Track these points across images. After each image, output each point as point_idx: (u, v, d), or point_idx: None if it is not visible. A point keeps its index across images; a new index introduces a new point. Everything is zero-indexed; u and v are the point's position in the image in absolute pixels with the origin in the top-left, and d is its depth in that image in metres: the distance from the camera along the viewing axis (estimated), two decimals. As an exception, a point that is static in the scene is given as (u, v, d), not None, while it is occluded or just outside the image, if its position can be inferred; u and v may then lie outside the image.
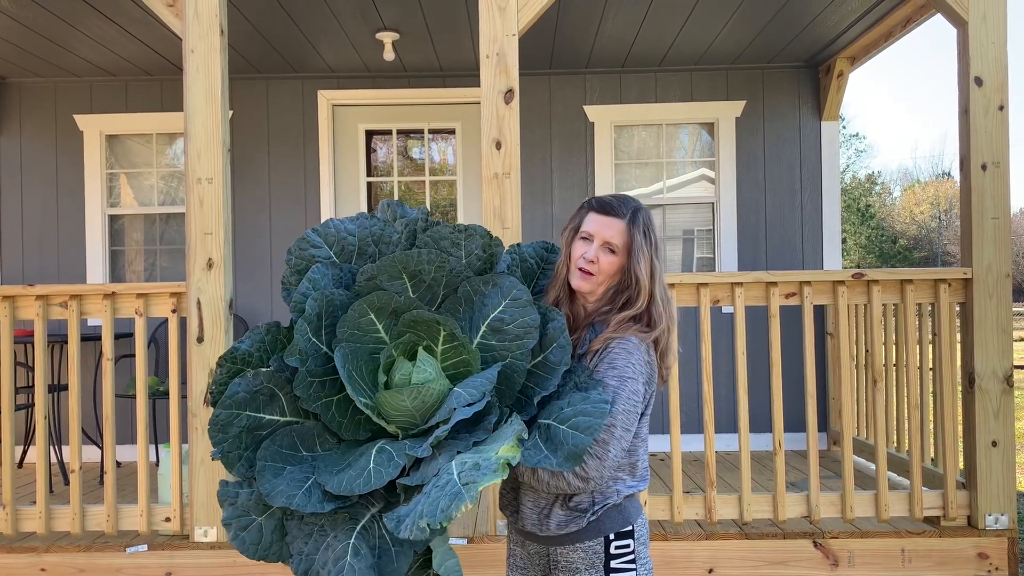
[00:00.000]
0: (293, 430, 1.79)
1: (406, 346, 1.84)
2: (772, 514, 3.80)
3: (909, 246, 40.72)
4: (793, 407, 5.10)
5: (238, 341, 1.88)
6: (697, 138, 6.30)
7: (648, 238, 1.99)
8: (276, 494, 1.66)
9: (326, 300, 1.83)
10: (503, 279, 1.87)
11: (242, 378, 1.80)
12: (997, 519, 3.74)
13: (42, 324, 3.81)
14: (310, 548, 1.67)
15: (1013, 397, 3.76)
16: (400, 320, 1.82)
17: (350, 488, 1.62)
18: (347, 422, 1.80)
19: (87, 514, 3.83)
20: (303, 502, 1.64)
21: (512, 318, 1.83)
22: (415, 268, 1.86)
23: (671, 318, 2.01)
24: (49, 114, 6.13)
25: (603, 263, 1.98)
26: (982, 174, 3.78)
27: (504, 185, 3.70)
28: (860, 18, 5.15)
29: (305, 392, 1.76)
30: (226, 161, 3.80)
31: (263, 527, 1.72)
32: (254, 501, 1.73)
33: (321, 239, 1.95)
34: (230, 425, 1.76)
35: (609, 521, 1.94)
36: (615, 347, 1.90)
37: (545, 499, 1.95)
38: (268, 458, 1.73)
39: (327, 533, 1.67)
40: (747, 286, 3.83)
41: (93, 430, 5.82)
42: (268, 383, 1.81)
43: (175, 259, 6.18)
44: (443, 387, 1.77)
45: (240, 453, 1.77)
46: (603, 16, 5.04)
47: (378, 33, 5.25)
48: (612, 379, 1.85)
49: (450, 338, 1.81)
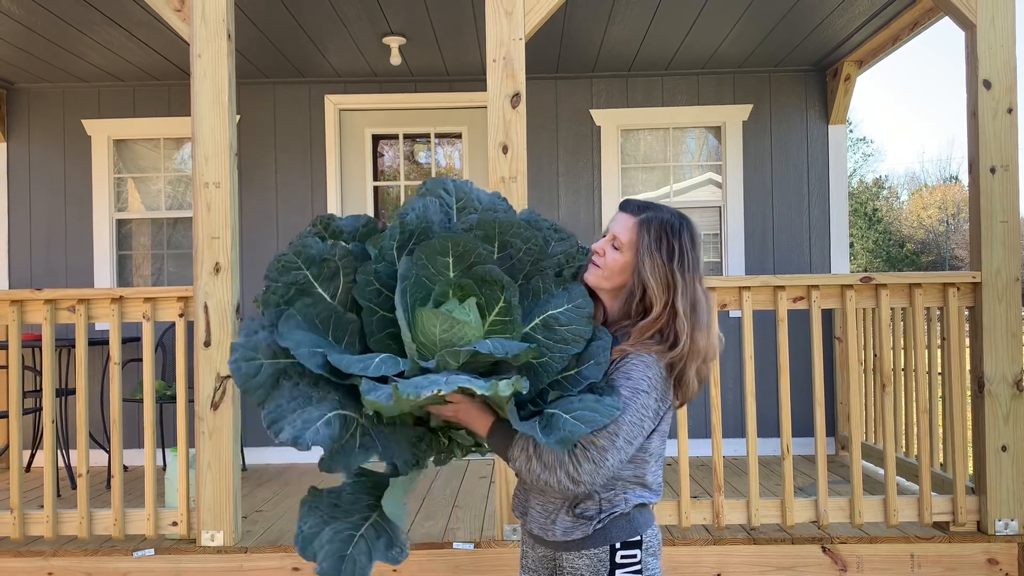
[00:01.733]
0: (335, 311, 1.82)
1: (464, 293, 1.86)
2: (780, 519, 3.79)
3: (917, 250, 40.57)
4: (801, 411, 5.08)
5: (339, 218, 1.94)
6: (704, 142, 6.29)
7: (663, 242, 1.91)
8: (287, 337, 1.71)
9: (424, 225, 1.88)
10: (575, 286, 1.92)
11: (322, 239, 1.86)
12: (1007, 524, 3.71)
13: (50, 328, 3.82)
14: (290, 406, 1.69)
15: (1023, 402, 3.74)
16: (470, 271, 1.85)
17: (347, 366, 1.67)
18: (379, 336, 1.84)
19: (94, 518, 3.83)
20: (304, 356, 1.69)
21: (567, 321, 1.85)
22: (508, 238, 1.90)
23: (703, 348, 1.91)
24: (57, 119, 6.16)
25: (608, 258, 1.95)
26: (991, 177, 3.77)
27: (511, 189, 3.70)
28: (867, 21, 5.14)
29: (363, 286, 1.81)
30: (233, 165, 3.81)
31: (263, 369, 1.73)
32: (267, 344, 1.75)
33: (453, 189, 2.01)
34: (287, 272, 1.81)
35: (616, 530, 1.91)
36: (633, 359, 1.85)
37: (552, 503, 1.94)
38: (301, 313, 1.78)
39: (311, 402, 1.71)
40: (755, 290, 3.82)
41: (100, 434, 5.83)
42: (340, 259, 1.84)
43: (182, 263, 6.19)
44: (474, 336, 1.78)
45: (278, 300, 1.81)
46: (609, 20, 5.04)
47: (385, 38, 5.26)
48: (625, 389, 1.82)
49: (505, 309, 1.83)
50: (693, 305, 1.91)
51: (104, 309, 3.85)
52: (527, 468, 1.83)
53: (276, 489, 5.08)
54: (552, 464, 1.79)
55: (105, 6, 4.64)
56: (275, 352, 1.75)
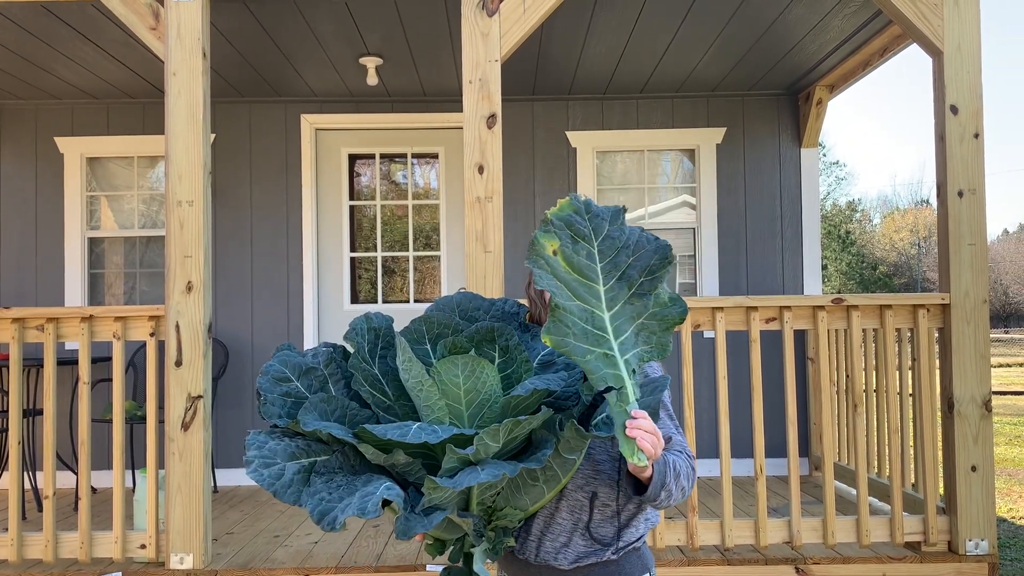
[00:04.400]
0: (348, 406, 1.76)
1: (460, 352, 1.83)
2: (754, 539, 3.79)
3: (889, 272, 41.10)
4: (775, 432, 5.11)
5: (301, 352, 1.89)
6: (679, 164, 6.35)
7: None
8: (310, 422, 1.63)
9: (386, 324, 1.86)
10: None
11: (306, 352, 1.82)
12: (977, 544, 3.74)
13: (17, 347, 3.76)
14: (334, 496, 1.59)
15: (992, 422, 3.78)
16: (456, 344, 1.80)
17: (383, 433, 1.57)
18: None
19: (60, 541, 3.76)
20: (339, 431, 1.61)
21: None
22: (472, 314, 1.90)
23: None
24: (30, 136, 6.10)
25: None
26: (959, 201, 3.83)
27: (487, 209, 3.71)
28: (838, 47, 5.23)
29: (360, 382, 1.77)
30: (207, 184, 3.79)
31: (286, 469, 1.66)
32: (283, 449, 1.67)
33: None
34: (278, 383, 1.76)
35: (630, 566, 1.88)
36: None
37: (561, 524, 1.85)
38: (316, 409, 1.70)
39: (357, 488, 1.60)
40: (728, 311, 3.84)
41: (69, 455, 5.73)
42: (324, 368, 1.81)
43: (155, 283, 6.13)
44: (498, 389, 1.70)
45: (279, 412, 1.75)
46: (585, 43, 5.09)
47: (361, 58, 5.27)
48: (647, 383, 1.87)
49: (504, 362, 1.79)
50: None
51: (74, 328, 3.80)
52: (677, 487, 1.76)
53: (247, 511, 5.02)
54: (684, 473, 1.78)
55: (79, 24, 4.61)
56: (294, 453, 1.68)
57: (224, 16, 4.50)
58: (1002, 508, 6.23)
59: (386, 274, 6.35)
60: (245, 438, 1.68)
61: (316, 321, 6.06)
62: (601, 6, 4.53)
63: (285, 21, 4.65)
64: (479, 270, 3.70)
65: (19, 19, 4.53)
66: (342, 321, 6.04)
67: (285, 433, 1.72)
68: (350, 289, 6.20)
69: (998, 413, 11.47)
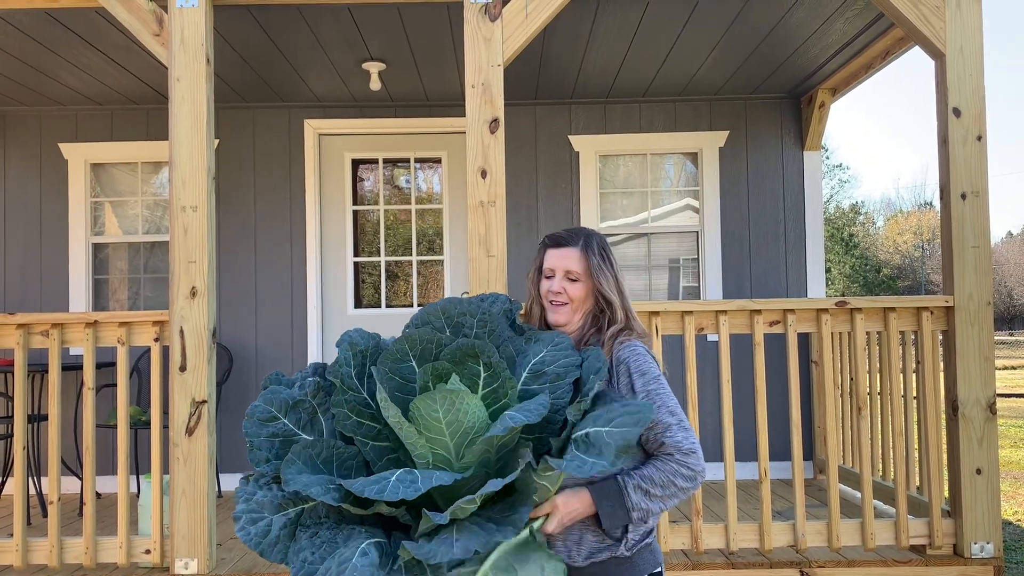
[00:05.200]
0: (334, 448, 1.75)
1: (444, 375, 1.80)
2: (758, 543, 3.78)
3: (893, 275, 41.02)
4: (779, 435, 5.10)
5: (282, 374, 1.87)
6: (682, 168, 6.35)
7: (606, 258, 2.09)
8: (294, 481, 1.62)
9: (373, 343, 1.84)
10: (544, 334, 1.92)
11: (289, 384, 1.80)
12: (983, 547, 3.73)
13: (22, 353, 3.77)
14: (316, 557, 1.61)
15: (996, 425, 3.77)
16: (439, 360, 1.80)
17: (361, 490, 1.57)
18: (382, 463, 1.76)
19: (65, 546, 3.77)
20: (319, 492, 1.60)
21: (553, 359, 1.84)
22: (459, 319, 1.88)
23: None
24: (34, 143, 6.12)
25: (571, 291, 2.05)
26: (962, 203, 3.83)
27: (489, 213, 3.71)
28: (840, 50, 5.23)
29: (342, 418, 1.76)
30: (211, 189, 3.80)
31: (273, 523, 1.67)
32: (270, 500, 1.69)
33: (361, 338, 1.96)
34: (265, 424, 1.75)
35: (643, 562, 1.93)
36: (628, 355, 1.97)
37: (575, 524, 1.87)
38: (300, 458, 1.69)
39: (338, 545, 1.62)
40: (731, 314, 3.84)
41: (74, 461, 5.74)
42: (312, 399, 1.79)
43: (159, 288, 6.14)
44: (481, 414, 1.71)
45: (268, 456, 1.74)
46: (587, 48, 5.10)
47: (364, 63, 5.28)
48: (652, 383, 1.92)
49: (491, 378, 1.78)
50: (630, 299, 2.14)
51: (78, 333, 3.81)
52: (650, 501, 1.83)
53: (252, 516, 5.01)
54: (667, 480, 1.82)
55: (83, 30, 4.63)
56: (281, 504, 1.68)
57: (227, 22, 4.52)
58: (1007, 511, 6.21)
59: (389, 278, 6.35)
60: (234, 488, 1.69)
61: (320, 326, 6.07)
62: (603, 11, 4.54)
63: (288, 27, 4.67)
64: (482, 274, 3.71)
65: (24, 26, 4.55)
66: (346, 325, 6.05)
67: (275, 478, 1.71)
68: (354, 294, 6.20)
69: (1002, 416, 11.45)
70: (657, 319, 3.78)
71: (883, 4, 3.86)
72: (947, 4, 3.83)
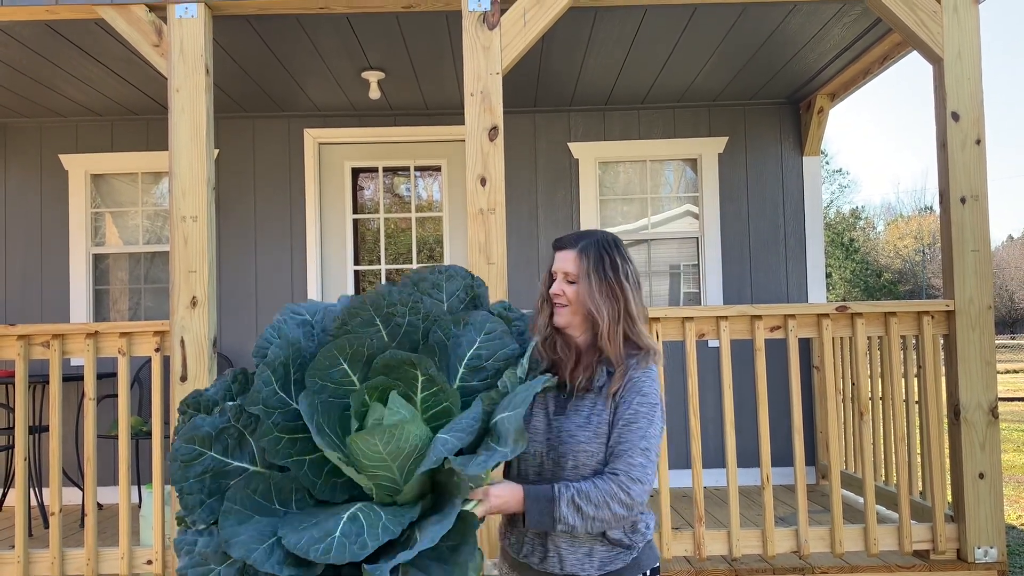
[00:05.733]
0: (270, 478, 1.63)
1: (382, 392, 1.69)
2: (761, 549, 3.77)
3: (894, 280, 41.01)
4: (781, 441, 5.09)
5: (204, 389, 1.75)
6: (682, 174, 6.36)
7: (603, 265, 2.02)
8: (236, 543, 1.51)
9: (293, 349, 1.69)
10: (474, 315, 1.80)
11: (207, 415, 1.66)
12: (987, 552, 3.72)
13: (23, 364, 3.77)
14: None
15: (999, 429, 3.77)
16: (372, 366, 1.69)
17: (306, 551, 1.46)
18: (321, 482, 1.65)
19: (67, 558, 3.76)
20: (261, 558, 1.49)
21: (490, 353, 1.77)
22: (388, 310, 1.75)
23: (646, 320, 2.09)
24: (34, 154, 6.13)
25: (569, 294, 2.03)
26: (961, 207, 3.83)
27: (489, 221, 3.72)
28: (838, 56, 5.24)
29: (272, 447, 1.62)
30: (211, 199, 3.81)
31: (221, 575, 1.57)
32: (212, 550, 1.58)
33: (304, 308, 1.85)
34: (191, 464, 1.61)
35: (645, 558, 1.97)
36: (639, 376, 1.95)
37: (581, 536, 1.92)
38: (237, 501, 1.58)
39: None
40: (732, 319, 3.84)
41: (75, 472, 5.74)
42: (236, 422, 1.66)
43: (160, 298, 6.15)
44: (422, 433, 1.63)
45: (202, 498, 1.61)
46: (586, 56, 5.11)
47: (364, 72, 5.29)
48: (643, 407, 1.91)
49: (429, 382, 1.69)
50: (641, 304, 2.06)
51: (79, 344, 3.81)
52: (580, 519, 1.81)
53: (254, 526, 5.01)
54: (602, 501, 1.81)
55: (83, 42, 4.64)
56: (225, 554, 1.56)
57: (227, 32, 4.53)
58: (1011, 515, 6.19)
59: (390, 287, 6.35)
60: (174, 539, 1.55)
61: (320, 335, 6.06)
62: (601, 19, 4.55)
63: (287, 37, 4.68)
64: (483, 282, 3.70)
65: (23, 38, 4.56)
66: (346, 334, 6.03)
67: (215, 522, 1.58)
68: (354, 302, 6.20)
69: (1005, 419, 11.43)
70: (658, 325, 3.78)
71: (880, 9, 3.87)
72: (944, 9, 3.83)
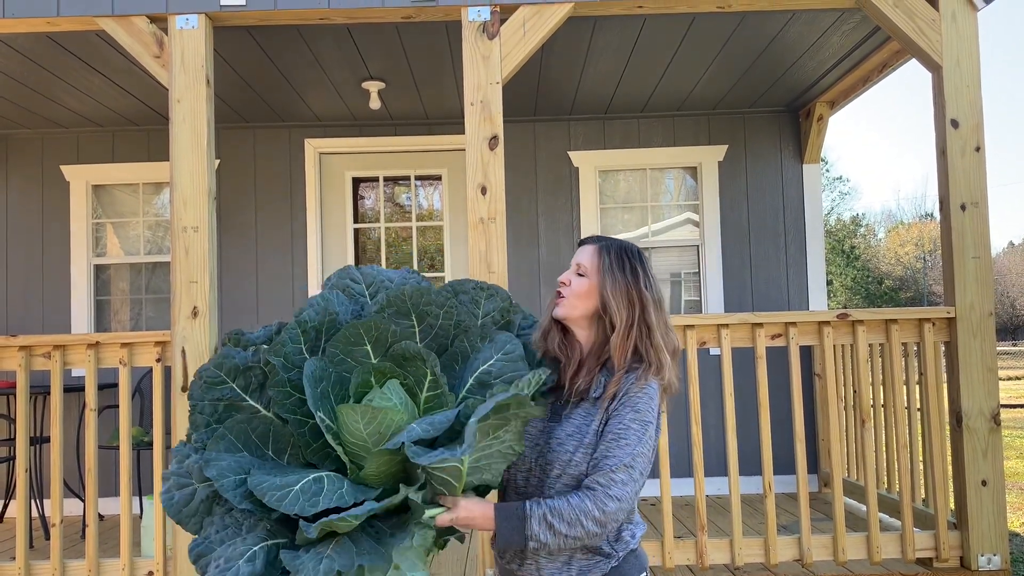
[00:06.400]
0: (272, 424, 1.70)
1: (387, 378, 1.73)
2: (764, 558, 3.76)
3: (895, 287, 41.00)
4: (783, 449, 5.08)
5: (249, 330, 1.82)
6: (682, 182, 6.36)
7: (625, 263, 1.97)
8: (213, 465, 1.59)
9: (328, 318, 1.75)
10: (499, 334, 1.81)
11: (243, 349, 1.73)
12: (990, 559, 3.71)
13: (24, 375, 3.77)
14: (217, 538, 1.59)
15: (1001, 436, 3.76)
16: (388, 352, 1.73)
17: (262, 493, 1.53)
18: (316, 447, 1.71)
19: (68, 569, 3.75)
20: (229, 485, 1.57)
21: (500, 371, 1.76)
22: (424, 308, 1.78)
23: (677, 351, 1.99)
24: (36, 165, 6.14)
25: (573, 284, 1.98)
26: (961, 214, 3.83)
27: (490, 230, 3.72)
28: (837, 64, 5.25)
29: (280, 399, 1.67)
30: (212, 210, 3.81)
31: (196, 494, 1.64)
32: (199, 467, 1.65)
33: (361, 276, 1.90)
34: (212, 388, 1.70)
35: (629, 567, 1.92)
36: (637, 390, 1.88)
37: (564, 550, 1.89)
38: (233, 432, 1.65)
39: (240, 532, 1.59)
40: (733, 327, 3.84)
41: (76, 483, 5.73)
42: (265, 366, 1.72)
43: (161, 308, 6.15)
44: (403, 421, 1.65)
45: (209, 420, 1.70)
46: (585, 65, 5.12)
47: (364, 82, 5.31)
48: (635, 423, 1.84)
49: (434, 384, 1.72)
50: (662, 318, 1.97)
51: (80, 355, 3.81)
52: (552, 536, 1.77)
53: (255, 536, 5.00)
54: (575, 519, 1.76)
55: (84, 53, 4.66)
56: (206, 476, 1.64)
57: (227, 43, 4.54)
58: (1014, 523, 6.17)
59: (391, 296, 6.35)
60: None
61: (322, 344, 6.06)
62: (600, 28, 4.57)
63: (288, 47, 4.70)
64: (483, 291, 3.71)
65: (25, 50, 4.58)
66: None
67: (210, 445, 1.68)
68: (355, 312, 6.20)
69: (1007, 426, 11.40)
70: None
71: (879, 18, 3.89)
72: (943, 17, 3.85)
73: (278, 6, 3.81)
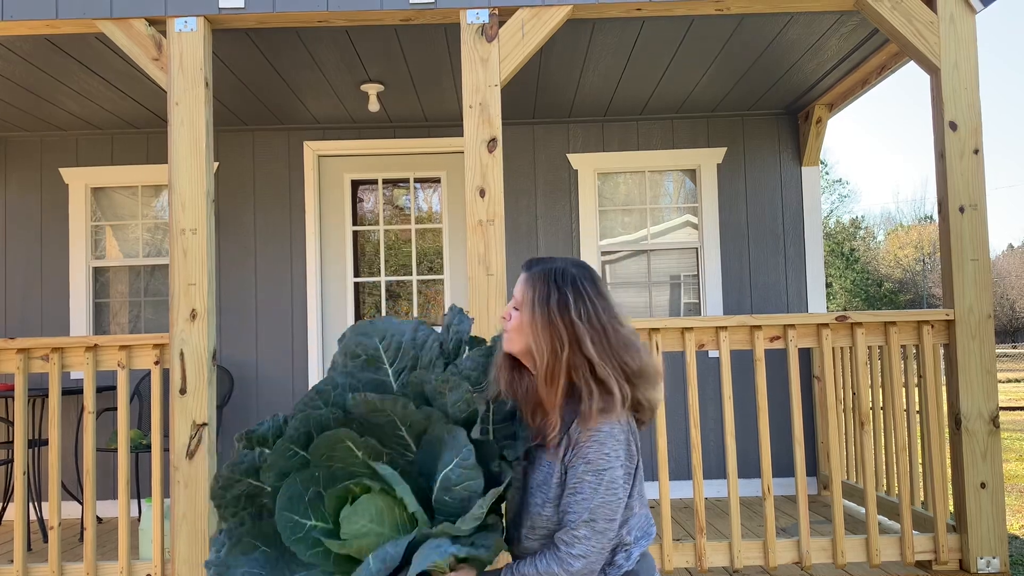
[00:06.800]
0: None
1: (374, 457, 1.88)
2: (763, 560, 3.76)
3: (895, 289, 41.01)
4: (782, 451, 5.09)
5: (258, 424, 1.95)
6: (681, 184, 6.37)
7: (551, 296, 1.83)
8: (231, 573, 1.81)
9: (313, 421, 1.86)
10: (457, 433, 1.81)
11: (252, 452, 1.90)
12: (989, 562, 3.71)
13: (22, 378, 3.77)
14: None
15: (1000, 438, 3.76)
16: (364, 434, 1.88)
17: None
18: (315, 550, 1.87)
19: (66, 572, 3.74)
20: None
21: (458, 479, 1.79)
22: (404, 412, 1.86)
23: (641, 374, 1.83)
24: (35, 168, 6.15)
25: (512, 319, 1.88)
26: (960, 217, 3.83)
27: (488, 232, 3.72)
28: (835, 67, 5.25)
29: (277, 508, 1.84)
30: (210, 212, 3.81)
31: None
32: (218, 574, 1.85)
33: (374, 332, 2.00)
34: (230, 487, 1.86)
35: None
36: (583, 440, 1.79)
37: None
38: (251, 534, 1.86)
39: None
40: (731, 330, 3.84)
41: (74, 486, 5.72)
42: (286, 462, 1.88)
43: (160, 310, 6.15)
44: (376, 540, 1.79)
45: (236, 511, 1.87)
46: (584, 67, 5.12)
47: (363, 85, 5.31)
48: (588, 475, 1.78)
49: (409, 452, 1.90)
50: (609, 345, 1.81)
51: (78, 358, 3.81)
52: None
53: (254, 539, 4.99)
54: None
55: (83, 56, 4.66)
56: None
57: (226, 46, 4.55)
58: (1014, 525, 6.17)
59: (390, 298, 6.36)
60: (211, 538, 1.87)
61: (320, 347, 6.07)
62: (599, 30, 4.57)
63: (287, 50, 4.70)
64: (482, 293, 3.72)
65: (24, 52, 4.58)
66: (346, 346, 6.03)
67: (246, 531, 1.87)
68: (354, 314, 6.20)
69: (1006, 429, 11.40)
70: (657, 336, 3.78)
71: (877, 20, 3.89)
72: (941, 19, 3.85)
73: (277, 8, 3.81)
